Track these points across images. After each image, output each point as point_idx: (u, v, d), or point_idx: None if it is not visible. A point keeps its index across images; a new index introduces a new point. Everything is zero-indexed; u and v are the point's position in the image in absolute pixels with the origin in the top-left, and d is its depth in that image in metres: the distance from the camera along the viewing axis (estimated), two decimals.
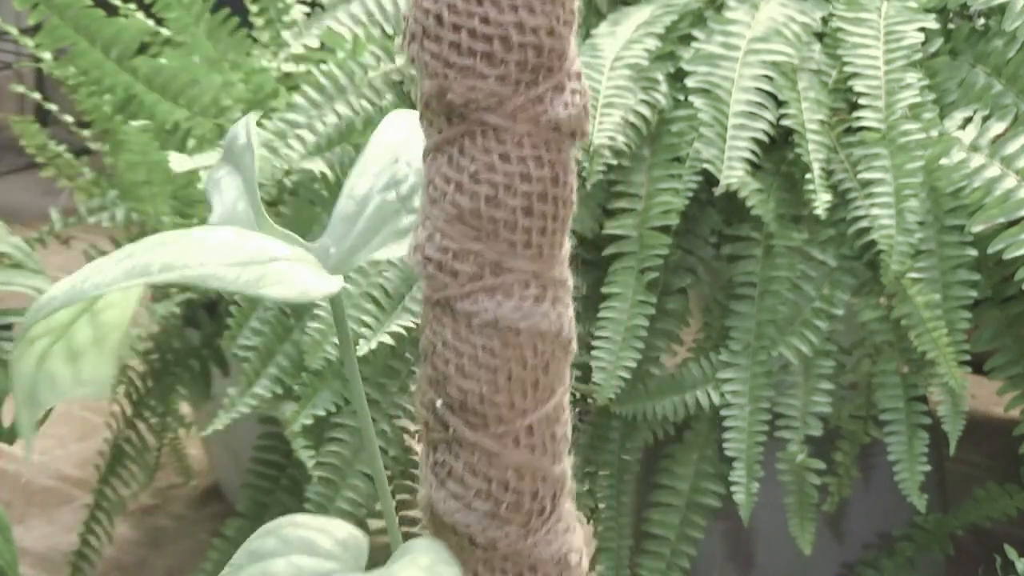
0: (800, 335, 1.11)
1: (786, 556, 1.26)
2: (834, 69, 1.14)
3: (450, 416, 0.35)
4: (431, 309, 0.36)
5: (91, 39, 1.37)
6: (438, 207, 0.33)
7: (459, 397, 0.35)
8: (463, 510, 0.35)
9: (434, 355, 0.35)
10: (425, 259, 0.35)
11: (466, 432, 0.35)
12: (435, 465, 0.35)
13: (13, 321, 1.15)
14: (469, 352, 0.34)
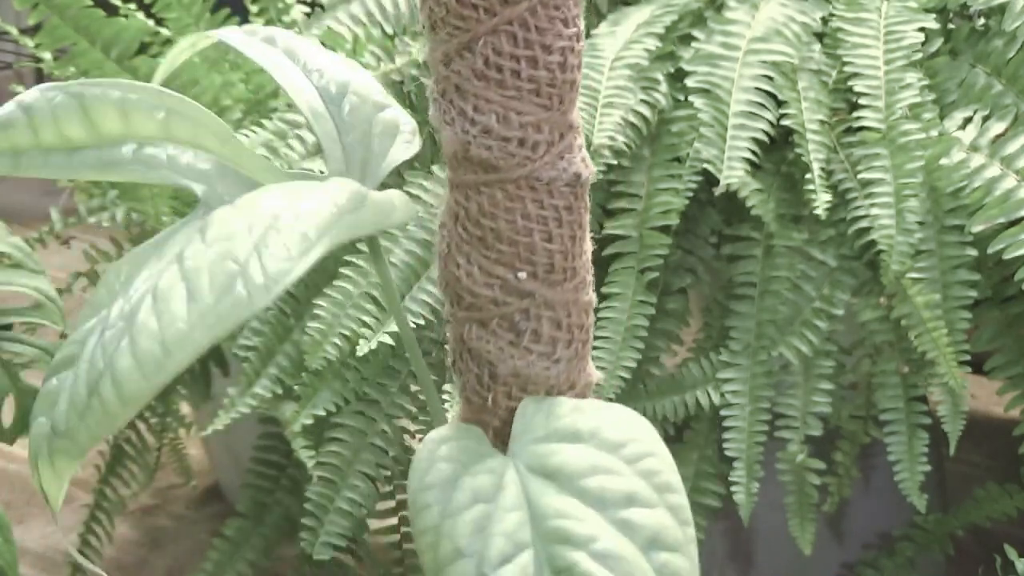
0: (800, 335, 1.11)
1: (786, 556, 1.26)
2: (834, 69, 1.14)
3: (532, 283, 0.35)
4: (504, 191, 0.35)
5: (91, 39, 1.37)
6: (505, 89, 0.33)
7: (545, 260, 0.35)
8: (552, 366, 0.35)
9: (512, 233, 0.35)
10: (503, 140, 0.34)
11: (549, 292, 0.35)
12: (516, 337, 0.35)
13: (13, 321, 1.15)
14: (553, 216, 0.35)
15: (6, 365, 1.12)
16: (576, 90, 0.34)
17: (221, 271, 0.29)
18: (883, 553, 1.31)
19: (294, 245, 0.31)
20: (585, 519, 0.31)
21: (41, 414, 0.31)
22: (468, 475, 0.32)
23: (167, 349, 0.28)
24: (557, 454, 0.33)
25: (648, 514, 0.32)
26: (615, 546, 0.30)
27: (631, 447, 0.33)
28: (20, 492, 1.89)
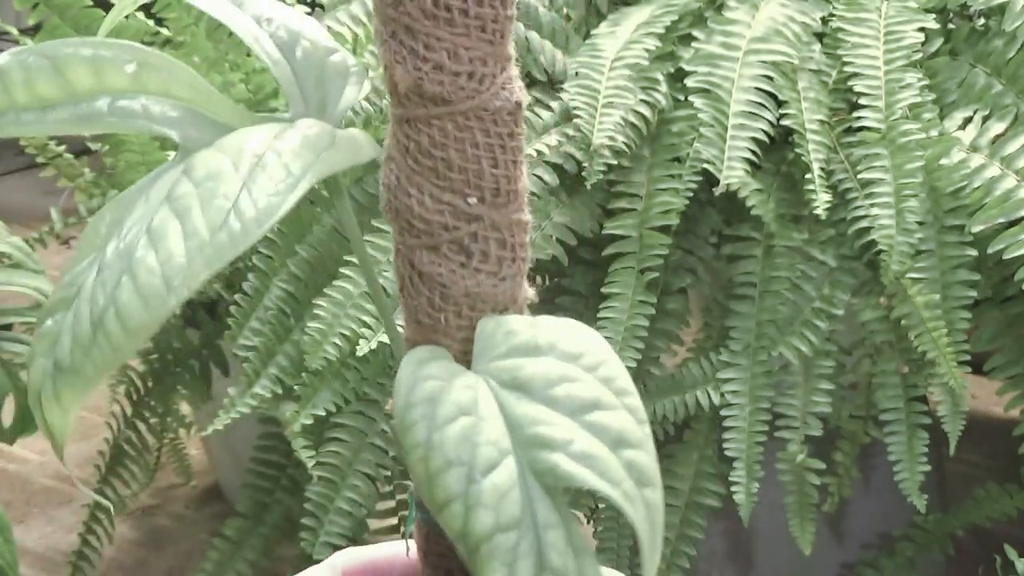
0: (800, 335, 1.11)
1: (786, 556, 1.26)
2: (834, 69, 1.14)
3: (480, 207, 0.37)
4: (454, 122, 0.37)
5: None
6: (454, 27, 0.36)
7: (492, 185, 0.37)
8: (499, 283, 0.38)
9: (462, 162, 0.37)
10: (453, 75, 0.36)
11: (495, 214, 0.38)
12: (467, 259, 0.37)
13: (13, 321, 1.15)
14: (498, 143, 0.37)
15: (6, 365, 1.12)
16: (512, 24, 0.37)
17: (213, 208, 0.31)
18: (883, 553, 1.31)
19: (280, 180, 0.32)
20: (558, 424, 0.34)
21: (40, 355, 0.32)
22: (449, 390, 0.34)
23: (168, 283, 0.30)
24: (524, 368, 0.35)
25: (612, 416, 0.35)
26: (589, 447, 0.33)
27: (587, 357, 0.35)
28: (20, 492, 1.89)
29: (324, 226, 1.20)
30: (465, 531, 0.32)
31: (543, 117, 1.14)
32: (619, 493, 0.34)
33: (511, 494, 0.33)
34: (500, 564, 0.32)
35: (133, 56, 0.35)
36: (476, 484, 0.33)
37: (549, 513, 0.33)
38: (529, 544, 0.32)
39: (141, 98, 0.35)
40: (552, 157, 1.12)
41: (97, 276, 0.32)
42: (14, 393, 1.12)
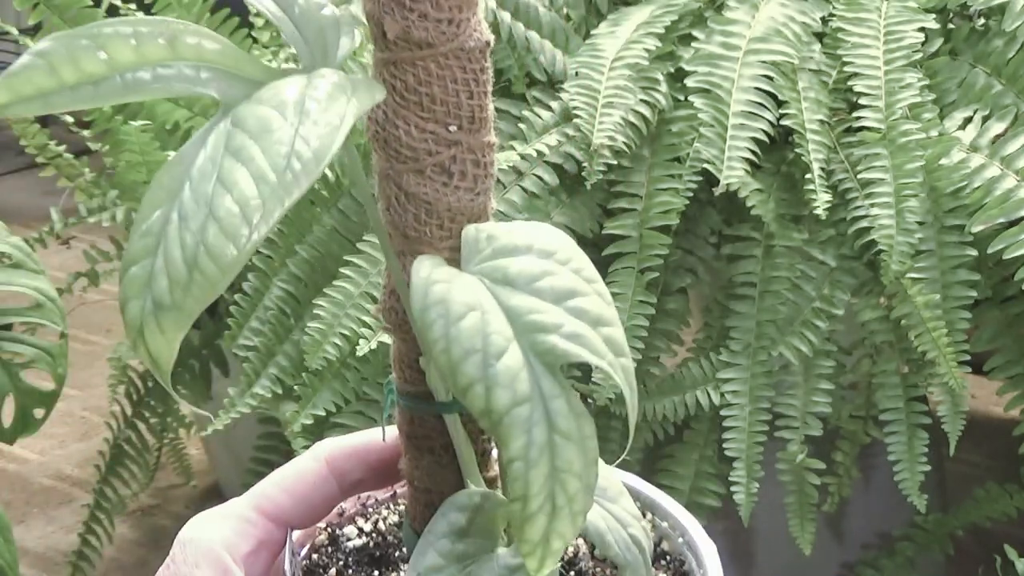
0: (800, 335, 1.11)
1: (786, 556, 1.26)
2: (834, 69, 1.14)
3: (459, 134, 0.43)
4: (436, 62, 0.42)
5: None
6: None
7: (468, 114, 0.43)
8: (475, 197, 0.44)
9: (444, 95, 0.42)
10: (436, 21, 0.42)
11: (471, 139, 0.43)
12: (448, 178, 0.43)
13: (13, 321, 1.15)
14: (472, 77, 0.43)
15: (6, 365, 1.12)
16: None
17: (273, 152, 0.36)
18: (883, 553, 1.31)
19: (325, 123, 0.37)
20: (548, 311, 0.40)
21: (134, 297, 0.36)
22: (456, 290, 0.40)
23: (249, 221, 0.35)
24: (510, 266, 0.41)
25: (588, 301, 0.40)
26: (576, 328, 0.39)
27: (559, 253, 0.41)
28: (20, 492, 1.89)
29: (324, 226, 1.20)
30: (488, 408, 0.38)
31: (543, 117, 1.14)
32: (605, 363, 0.40)
33: (521, 374, 0.38)
34: (520, 431, 0.38)
35: (166, 29, 0.39)
36: (492, 367, 0.38)
37: (552, 386, 0.39)
38: (540, 413, 0.39)
39: (178, 65, 0.38)
40: (552, 157, 1.12)
41: (181, 223, 0.36)
42: (14, 393, 1.12)
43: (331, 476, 0.50)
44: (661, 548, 0.52)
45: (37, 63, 0.37)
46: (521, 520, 0.38)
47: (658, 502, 0.52)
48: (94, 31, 0.38)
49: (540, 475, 0.38)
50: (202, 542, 0.48)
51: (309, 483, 0.49)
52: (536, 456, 0.38)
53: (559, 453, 0.39)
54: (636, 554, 0.46)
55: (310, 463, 0.50)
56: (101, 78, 0.37)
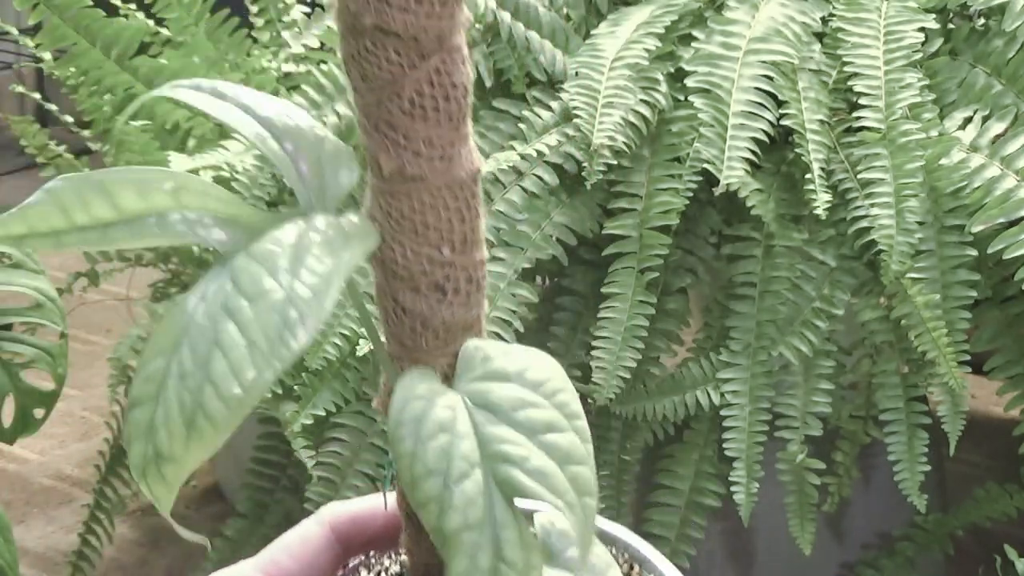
0: (800, 335, 1.11)
1: (786, 556, 1.26)
2: (834, 69, 1.14)
3: (451, 255, 0.45)
4: (429, 193, 0.44)
5: (91, 39, 1.37)
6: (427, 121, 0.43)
7: (460, 237, 0.45)
8: (468, 311, 0.46)
9: (436, 222, 0.45)
10: (429, 159, 0.43)
11: (462, 259, 0.45)
12: (442, 295, 0.45)
13: (13, 321, 1.15)
14: (464, 204, 0.44)
15: (6, 365, 1.12)
16: (469, 109, 0.44)
17: (267, 323, 0.38)
18: (883, 553, 1.31)
19: (315, 289, 0.39)
20: (519, 443, 0.41)
21: (137, 440, 0.38)
22: (433, 410, 0.41)
23: (244, 388, 0.37)
24: (494, 391, 0.43)
25: (563, 437, 0.42)
26: (542, 464, 0.41)
27: (548, 384, 0.43)
28: (20, 492, 1.89)
29: None
30: (439, 526, 0.40)
31: (543, 117, 1.14)
32: (562, 503, 0.41)
33: (477, 500, 0.40)
34: (465, 555, 0.40)
35: (172, 178, 0.41)
36: (449, 490, 0.40)
37: (506, 515, 0.41)
38: (488, 539, 0.40)
39: (182, 212, 0.41)
40: (552, 157, 1.12)
41: (180, 381, 0.38)
42: (14, 393, 1.12)
43: (335, 541, 0.52)
44: None
45: (51, 202, 0.40)
46: None
47: (644, 555, 0.54)
48: (102, 177, 0.40)
49: None
50: None
51: (313, 548, 0.51)
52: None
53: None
54: None
55: (314, 528, 0.52)
56: (109, 223, 0.40)
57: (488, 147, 1.14)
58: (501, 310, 1.09)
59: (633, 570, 0.54)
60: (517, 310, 1.09)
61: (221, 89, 0.46)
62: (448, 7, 0.42)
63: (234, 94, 0.46)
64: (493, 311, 1.08)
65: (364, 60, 0.42)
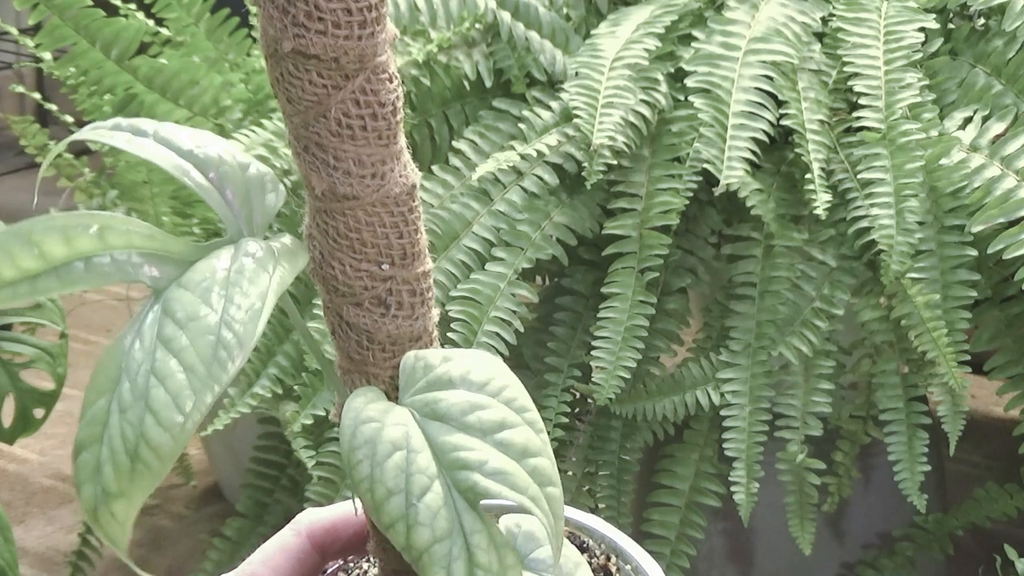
0: (800, 335, 1.11)
1: (786, 556, 1.26)
2: (834, 69, 1.14)
3: (392, 269, 0.45)
4: (364, 211, 0.45)
5: (91, 39, 1.37)
6: (356, 140, 0.44)
7: (399, 252, 0.45)
8: (414, 323, 0.46)
9: (373, 238, 0.45)
10: (360, 177, 0.44)
11: (404, 272, 0.46)
12: (385, 309, 0.46)
13: (13, 321, 1.15)
14: (401, 219, 0.45)
15: (6, 365, 1.12)
16: (401, 125, 0.45)
17: (202, 344, 0.38)
18: (883, 553, 1.31)
19: (245, 311, 0.39)
20: (474, 447, 0.42)
21: (86, 482, 0.38)
22: (385, 429, 0.42)
23: (184, 414, 0.37)
24: (441, 400, 0.43)
25: (516, 433, 0.42)
26: (500, 463, 0.41)
27: (492, 383, 0.43)
28: (20, 492, 1.89)
29: None
30: (408, 545, 0.40)
31: (543, 117, 1.14)
32: (526, 499, 0.41)
33: (441, 511, 0.41)
34: (439, 568, 0.40)
35: (94, 221, 0.41)
36: (413, 507, 0.40)
37: (473, 521, 0.41)
38: (460, 548, 0.41)
39: (109, 253, 0.41)
40: (552, 157, 1.12)
41: (121, 416, 0.38)
42: (14, 393, 1.12)
43: (312, 549, 0.53)
44: None
45: None
46: None
47: (621, 546, 0.54)
48: (27, 228, 0.40)
49: None
50: None
51: (293, 557, 0.53)
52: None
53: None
54: None
55: (291, 539, 0.53)
56: (37, 273, 0.40)
57: (488, 147, 1.14)
58: (501, 310, 1.09)
59: (610, 561, 0.54)
60: (517, 310, 1.10)
61: (141, 127, 0.46)
62: (367, 27, 0.42)
63: (153, 130, 0.46)
64: (493, 311, 1.08)
65: (288, 83, 0.42)
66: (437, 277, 1.10)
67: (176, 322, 0.39)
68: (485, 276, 1.09)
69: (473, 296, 1.08)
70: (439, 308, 0.49)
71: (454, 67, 1.20)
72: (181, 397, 0.37)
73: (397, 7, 1.22)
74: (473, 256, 1.11)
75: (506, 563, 0.41)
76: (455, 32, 1.20)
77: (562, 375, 1.17)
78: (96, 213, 0.41)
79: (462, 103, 1.21)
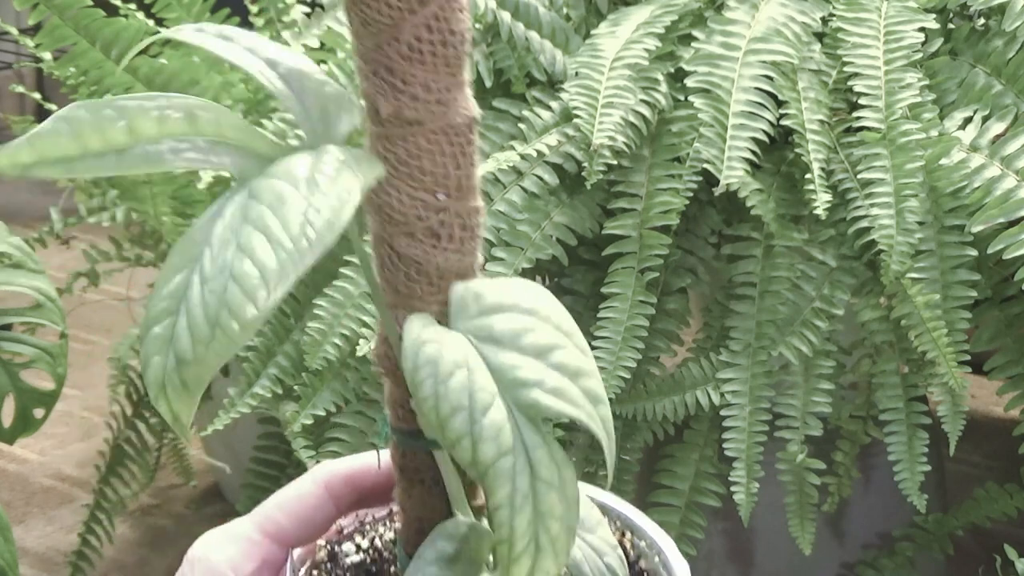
0: (800, 335, 1.11)
1: (786, 556, 1.26)
2: (834, 69, 1.14)
3: (447, 200, 0.46)
4: (426, 138, 0.45)
5: (91, 39, 1.37)
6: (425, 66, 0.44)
7: (455, 183, 0.46)
8: (463, 257, 0.46)
9: (432, 167, 0.45)
10: (426, 102, 0.44)
11: (457, 205, 0.46)
12: (437, 241, 0.46)
13: (13, 321, 1.15)
14: (459, 150, 0.45)
15: (6, 365, 1.12)
16: (467, 57, 0.45)
17: (291, 223, 0.39)
18: (883, 553, 1.31)
19: (335, 196, 0.40)
20: (530, 367, 0.43)
21: (156, 354, 0.38)
22: (444, 349, 0.42)
23: (267, 284, 0.38)
24: (495, 324, 0.44)
25: (567, 354, 0.43)
26: (557, 382, 0.42)
27: (541, 310, 0.44)
28: (20, 492, 1.88)
29: None
30: (475, 460, 0.41)
31: (543, 117, 1.14)
32: (584, 414, 0.43)
33: (505, 428, 0.41)
34: (505, 481, 0.41)
35: (185, 104, 0.42)
36: (478, 424, 0.41)
37: (534, 438, 0.42)
38: (523, 463, 0.42)
39: (196, 139, 0.41)
40: (552, 157, 1.12)
41: (203, 286, 0.38)
42: (14, 393, 1.12)
43: (329, 499, 0.53)
44: (639, 567, 0.54)
45: (63, 128, 0.39)
46: (508, 561, 0.41)
47: (636, 522, 0.55)
48: (120, 104, 0.41)
49: (524, 520, 0.41)
50: (210, 562, 0.51)
51: (309, 505, 0.53)
52: (520, 502, 0.41)
53: (542, 499, 0.42)
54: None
55: (309, 486, 0.53)
56: (124, 148, 0.40)
57: (488, 147, 1.14)
58: None
59: (625, 536, 0.55)
60: None
61: (227, 33, 0.47)
62: None
63: (238, 37, 0.47)
64: None
65: (365, 5, 0.43)
66: None
67: (264, 203, 0.39)
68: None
69: None
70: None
71: None
72: (267, 270, 0.38)
73: None
74: None
75: (565, 478, 0.42)
76: None
77: None
78: (191, 99, 0.42)
79: None
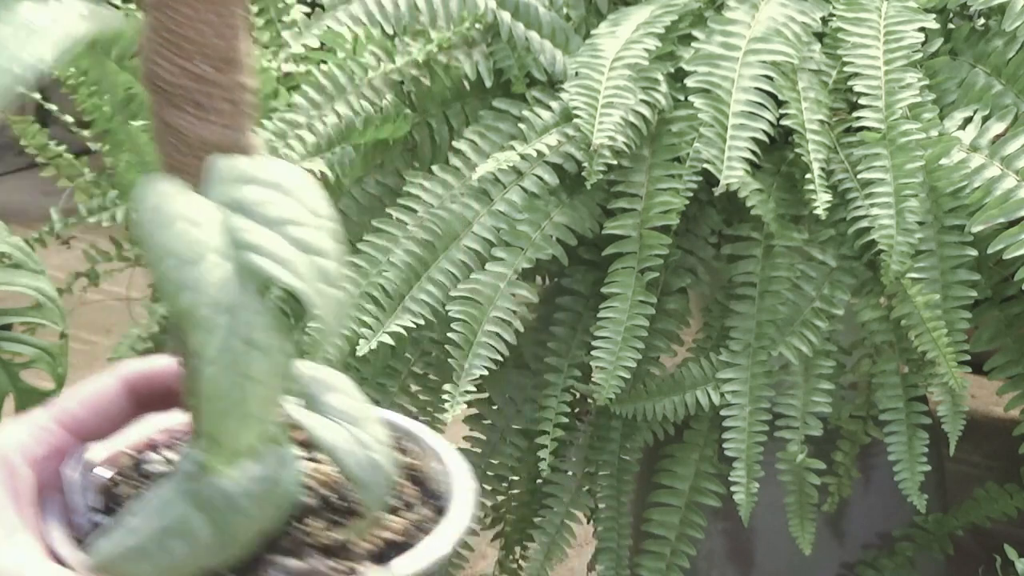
0: (800, 335, 1.11)
1: (786, 556, 1.26)
2: (834, 69, 1.14)
3: (211, 72, 0.47)
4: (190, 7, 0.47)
5: (91, 39, 1.36)
6: None
7: (220, 55, 0.47)
8: (228, 131, 0.48)
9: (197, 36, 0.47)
10: None
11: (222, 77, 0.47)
12: (202, 112, 0.48)
13: (13, 321, 1.15)
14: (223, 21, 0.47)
15: (6, 365, 1.12)
16: None
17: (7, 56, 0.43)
18: (883, 553, 1.31)
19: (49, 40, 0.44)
20: (264, 235, 0.44)
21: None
22: (174, 200, 0.44)
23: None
24: (245, 194, 0.45)
25: (308, 232, 0.45)
26: (286, 253, 0.43)
27: (296, 190, 0.46)
28: None
29: None
30: (188, 310, 0.41)
31: (543, 117, 1.14)
32: (308, 287, 0.43)
33: (222, 284, 0.42)
34: (215, 337, 0.41)
35: None
36: (188, 272, 0.42)
37: (253, 301, 0.43)
38: (237, 323, 0.42)
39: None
40: (552, 157, 1.12)
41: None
42: (14, 393, 1.12)
43: (127, 394, 0.54)
44: (418, 472, 0.56)
45: None
46: (210, 420, 0.41)
47: (413, 431, 0.57)
48: None
49: (228, 379, 0.41)
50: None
51: (105, 399, 0.53)
52: (228, 361, 0.42)
53: (249, 361, 0.42)
54: (375, 475, 0.49)
55: (109, 381, 0.54)
56: None
57: (488, 147, 1.14)
58: (501, 310, 1.09)
59: (401, 442, 0.56)
60: (517, 310, 1.09)
61: None
62: None
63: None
64: (493, 311, 1.08)
65: None
66: (437, 277, 1.10)
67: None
68: (485, 276, 1.09)
69: (473, 296, 1.08)
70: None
71: (454, 67, 1.20)
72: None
73: (397, 7, 1.22)
74: (473, 256, 1.11)
75: (275, 345, 0.43)
76: (455, 32, 1.20)
77: (562, 375, 1.16)
78: None
79: (462, 103, 1.21)
